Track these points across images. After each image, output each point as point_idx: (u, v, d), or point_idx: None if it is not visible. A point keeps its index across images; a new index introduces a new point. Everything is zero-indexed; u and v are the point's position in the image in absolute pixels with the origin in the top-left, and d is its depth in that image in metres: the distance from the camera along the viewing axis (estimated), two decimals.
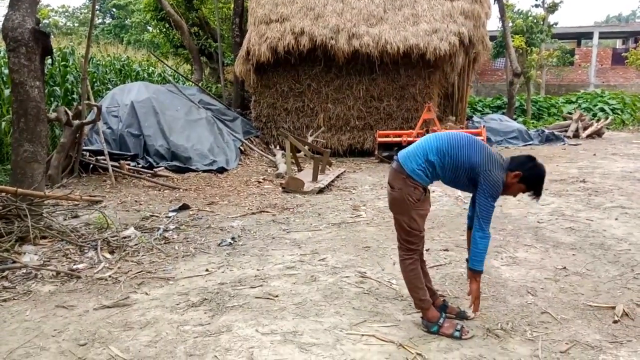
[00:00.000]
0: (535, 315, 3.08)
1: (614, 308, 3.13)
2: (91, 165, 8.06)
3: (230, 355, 2.63)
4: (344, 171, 9.45)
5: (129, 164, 8.33)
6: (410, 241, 2.87)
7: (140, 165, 8.66)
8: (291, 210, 6.15)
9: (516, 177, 2.69)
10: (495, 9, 15.72)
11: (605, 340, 2.76)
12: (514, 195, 2.84)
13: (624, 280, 3.66)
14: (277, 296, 3.41)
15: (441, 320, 2.85)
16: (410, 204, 2.76)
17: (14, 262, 3.96)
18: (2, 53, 9.15)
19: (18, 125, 4.79)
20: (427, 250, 4.36)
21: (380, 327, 2.95)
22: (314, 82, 11.92)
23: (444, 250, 4.42)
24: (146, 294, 3.50)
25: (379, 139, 10.96)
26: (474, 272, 2.80)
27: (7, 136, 8.14)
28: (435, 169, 2.76)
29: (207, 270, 3.96)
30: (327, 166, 9.08)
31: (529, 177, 2.70)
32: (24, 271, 3.84)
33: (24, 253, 4.20)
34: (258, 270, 3.96)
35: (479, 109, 20.57)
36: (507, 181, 2.70)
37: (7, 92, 8.27)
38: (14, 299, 3.40)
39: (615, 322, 2.97)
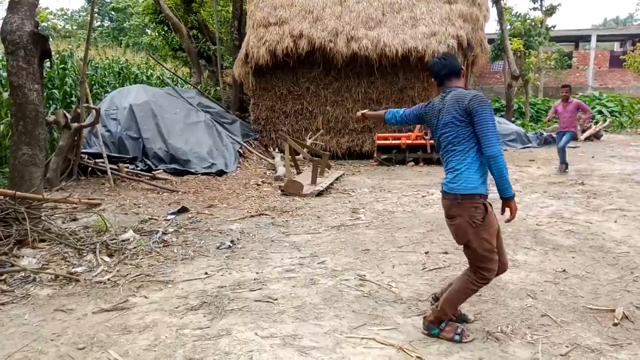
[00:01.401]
0: (535, 318, 3.07)
1: (613, 311, 3.13)
2: (90, 168, 8.05)
3: (230, 358, 2.62)
4: (343, 174, 9.45)
5: (127, 167, 8.32)
6: (485, 267, 2.71)
7: (139, 168, 8.65)
8: (290, 213, 6.15)
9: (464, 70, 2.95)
10: (493, 12, 15.75)
11: (606, 343, 2.75)
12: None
13: (624, 282, 3.66)
14: (276, 299, 3.40)
15: (442, 324, 2.84)
16: (478, 226, 2.64)
17: (13, 265, 3.95)
18: (0, 56, 9.14)
19: (16, 128, 4.78)
20: (426, 253, 4.38)
21: (380, 330, 2.94)
22: (313, 85, 11.94)
23: (444, 253, 4.41)
24: (145, 297, 3.48)
25: (378, 142, 10.97)
26: (509, 199, 2.63)
27: (5, 139, 8.12)
28: (479, 158, 2.66)
29: (206, 273, 3.95)
30: (326, 169, 9.09)
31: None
32: (23, 274, 3.83)
33: (23, 256, 4.18)
34: (257, 273, 3.95)
35: None
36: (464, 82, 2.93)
37: (5, 95, 8.25)
38: (12, 303, 3.39)
39: (615, 324, 2.97)
